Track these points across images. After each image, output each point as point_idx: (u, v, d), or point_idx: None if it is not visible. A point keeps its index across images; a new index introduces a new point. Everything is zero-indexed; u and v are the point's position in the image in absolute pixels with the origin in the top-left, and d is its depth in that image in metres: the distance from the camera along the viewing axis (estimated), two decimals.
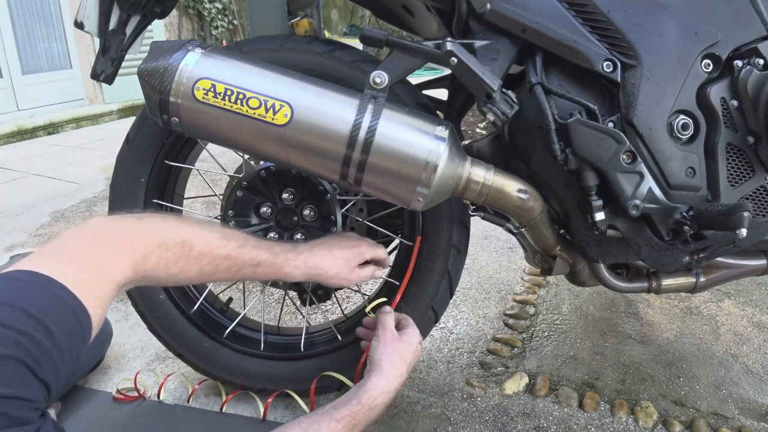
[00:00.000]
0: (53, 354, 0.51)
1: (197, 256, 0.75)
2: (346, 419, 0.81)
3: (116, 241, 0.65)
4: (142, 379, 1.19)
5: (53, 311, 0.53)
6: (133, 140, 1.04)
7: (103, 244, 0.64)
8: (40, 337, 0.50)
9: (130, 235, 0.68)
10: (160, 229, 0.72)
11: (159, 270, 0.70)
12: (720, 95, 0.87)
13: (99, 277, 0.60)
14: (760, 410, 1.17)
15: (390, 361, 0.88)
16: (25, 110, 4.24)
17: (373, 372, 0.88)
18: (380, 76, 0.80)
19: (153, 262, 0.69)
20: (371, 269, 0.96)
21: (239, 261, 0.81)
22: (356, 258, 0.93)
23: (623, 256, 0.97)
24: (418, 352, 0.94)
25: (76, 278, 0.57)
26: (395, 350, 0.90)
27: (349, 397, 0.84)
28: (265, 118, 0.77)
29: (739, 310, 1.54)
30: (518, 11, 0.85)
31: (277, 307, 1.53)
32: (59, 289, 0.55)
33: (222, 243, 0.79)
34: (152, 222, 0.73)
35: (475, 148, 1.03)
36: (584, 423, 1.12)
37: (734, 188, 0.90)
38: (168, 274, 0.72)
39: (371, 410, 0.84)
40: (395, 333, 0.93)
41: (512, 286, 1.69)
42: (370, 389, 0.85)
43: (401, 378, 0.89)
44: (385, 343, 0.91)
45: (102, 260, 0.62)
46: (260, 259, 0.83)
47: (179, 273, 0.74)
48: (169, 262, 0.71)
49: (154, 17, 1.01)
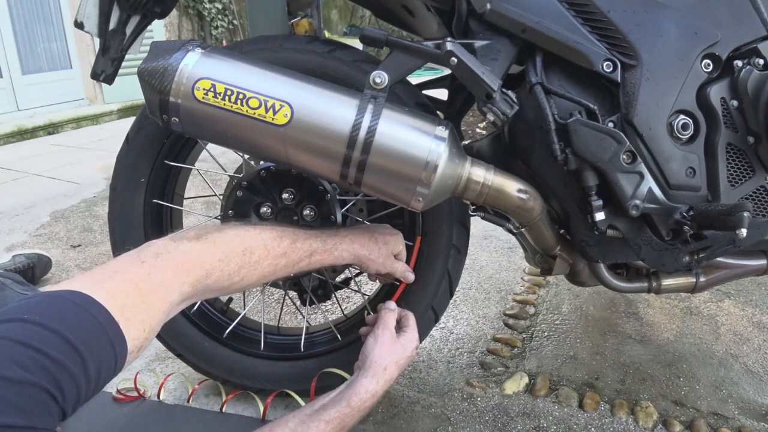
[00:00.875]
0: (81, 384, 0.50)
1: (258, 261, 0.76)
2: (335, 421, 0.81)
3: (176, 263, 0.65)
4: (142, 379, 1.19)
5: (92, 340, 0.52)
6: (133, 140, 1.04)
7: (162, 266, 0.64)
8: (71, 365, 0.49)
9: (191, 255, 0.68)
10: (221, 243, 0.73)
11: (222, 281, 0.71)
12: (720, 95, 0.87)
13: (150, 300, 0.60)
14: (760, 410, 1.17)
15: (383, 365, 0.88)
16: (25, 110, 4.25)
17: (364, 372, 0.87)
18: (380, 76, 0.80)
19: (216, 276, 0.70)
20: (404, 267, 0.98)
21: (295, 256, 0.82)
22: (394, 246, 0.94)
23: (623, 256, 0.97)
24: (413, 356, 0.94)
25: (124, 302, 0.57)
26: (390, 353, 0.89)
27: (339, 398, 0.84)
28: (265, 118, 0.77)
29: (739, 310, 1.54)
30: (518, 11, 0.85)
31: (277, 307, 1.53)
32: (103, 317, 0.54)
33: (277, 242, 0.80)
34: (212, 238, 0.73)
35: (475, 148, 1.03)
36: (584, 423, 1.12)
37: (734, 188, 0.90)
38: (230, 284, 0.73)
39: (360, 412, 0.85)
40: (394, 334, 0.93)
41: (512, 286, 1.69)
42: (360, 391, 0.85)
43: (391, 381, 0.89)
44: (382, 343, 0.90)
45: (158, 282, 0.62)
46: (313, 249, 0.85)
47: (241, 280, 0.75)
48: (231, 273, 0.72)
49: (154, 17, 1.01)
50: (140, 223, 1.06)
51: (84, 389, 0.51)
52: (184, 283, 0.65)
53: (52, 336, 0.50)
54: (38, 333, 0.49)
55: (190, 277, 0.66)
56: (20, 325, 0.50)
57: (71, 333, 0.50)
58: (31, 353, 0.48)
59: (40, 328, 0.50)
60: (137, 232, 1.06)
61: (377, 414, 1.12)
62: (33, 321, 0.50)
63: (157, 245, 0.67)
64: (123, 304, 0.56)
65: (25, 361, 0.47)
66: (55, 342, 0.49)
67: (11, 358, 0.47)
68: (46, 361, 0.48)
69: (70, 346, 0.50)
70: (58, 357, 0.49)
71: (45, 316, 0.51)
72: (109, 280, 0.58)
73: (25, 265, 1.64)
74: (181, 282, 0.65)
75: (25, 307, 0.52)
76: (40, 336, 0.49)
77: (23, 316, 0.50)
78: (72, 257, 1.90)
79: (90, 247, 2.00)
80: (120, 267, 0.62)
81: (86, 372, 0.51)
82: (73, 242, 2.04)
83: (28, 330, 0.49)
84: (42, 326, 0.50)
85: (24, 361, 0.47)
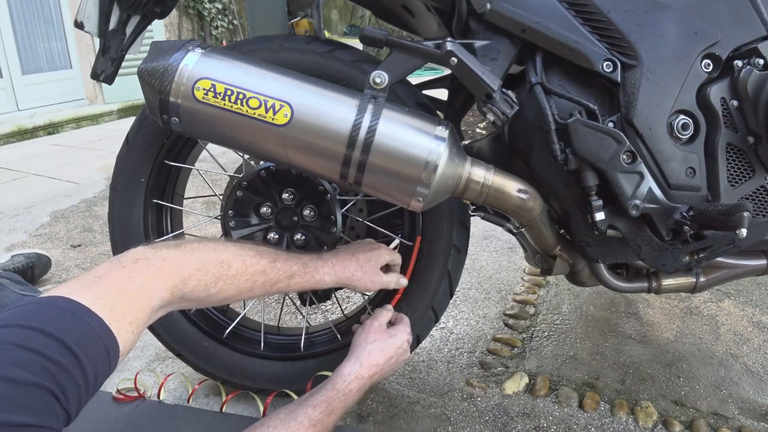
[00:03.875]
0: (80, 384, 0.52)
1: (235, 275, 0.77)
2: (322, 405, 0.84)
3: (154, 268, 0.67)
4: (142, 379, 1.19)
5: (85, 342, 0.53)
6: (133, 140, 1.04)
7: (142, 271, 0.65)
8: (71, 367, 0.51)
9: (169, 261, 0.69)
10: (198, 252, 0.74)
11: (198, 291, 0.72)
12: (720, 95, 0.87)
13: (135, 303, 0.61)
14: (760, 410, 1.17)
15: (368, 349, 0.91)
16: (25, 110, 4.24)
17: (348, 356, 0.91)
18: (380, 76, 0.80)
19: (192, 284, 0.71)
20: (396, 276, 0.99)
21: (274, 276, 0.82)
22: (378, 260, 0.95)
23: (623, 256, 0.97)
24: (404, 351, 0.95)
25: (111, 304, 0.58)
26: (375, 339, 0.92)
27: (325, 384, 0.87)
28: (265, 118, 0.77)
29: (739, 310, 1.54)
30: (518, 11, 0.85)
31: (277, 307, 1.53)
32: (93, 320, 0.55)
33: (256, 260, 0.80)
34: (191, 247, 0.74)
35: (475, 148, 1.03)
36: (584, 423, 1.12)
37: (734, 188, 0.90)
38: (207, 294, 0.74)
39: (346, 395, 0.86)
40: (383, 325, 0.96)
41: (512, 286, 1.69)
42: (344, 373, 0.88)
43: (377, 368, 0.90)
44: (368, 331, 0.93)
45: (139, 286, 0.63)
46: (293, 271, 0.85)
47: (218, 293, 0.75)
48: (208, 284, 0.73)
49: (154, 17, 1.01)
50: (140, 223, 1.06)
51: (84, 391, 0.52)
52: (163, 289, 0.66)
53: (50, 340, 0.51)
54: (37, 337, 0.50)
55: (169, 284, 0.67)
56: (18, 330, 0.51)
57: (67, 337, 0.52)
58: (33, 356, 0.49)
59: (38, 333, 0.51)
60: (137, 232, 1.06)
61: (377, 414, 1.12)
62: (30, 326, 0.51)
63: (136, 251, 0.68)
64: (112, 306, 0.58)
65: (28, 364, 0.48)
66: (54, 346, 0.51)
67: (14, 360, 0.48)
68: (48, 364, 0.49)
69: (67, 349, 0.51)
70: (59, 360, 0.50)
71: (40, 322, 0.52)
72: (94, 285, 0.60)
73: (25, 265, 1.64)
74: (160, 287, 0.66)
75: (18, 314, 0.53)
76: (39, 340, 0.50)
77: (20, 322, 0.51)
78: (72, 257, 1.90)
79: (90, 247, 2.00)
80: (103, 272, 0.63)
81: (84, 374, 0.52)
82: (73, 242, 2.04)
83: (27, 335, 0.50)
84: (39, 331, 0.51)
85: (27, 364, 0.48)
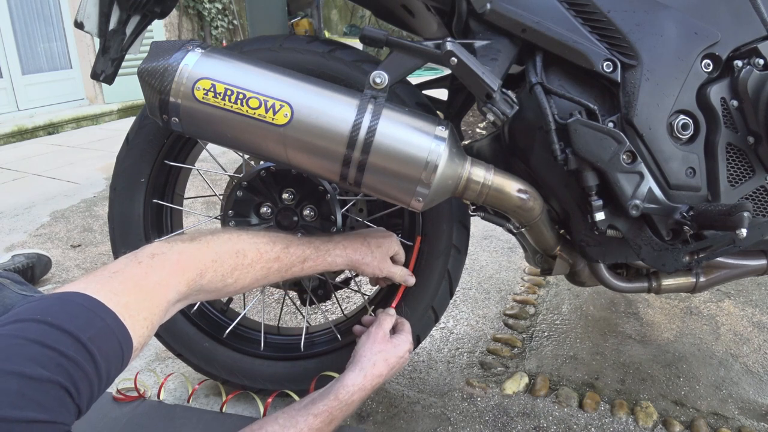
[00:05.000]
0: (93, 380, 0.52)
1: (250, 264, 0.77)
2: (323, 414, 0.83)
3: (171, 262, 0.67)
4: (142, 379, 1.19)
5: (100, 338, 0.53)
6: (133, 140, 1.04)
7: (158, 266, 0.65)
8: (85, 363, 0.51)
9: (185, 255, 0.69)
10: (213, 244, 0.74)
11: (215, 282, 0.73)
12: (720, 95, 0.87)
13: (150, 298, 0.62)
14: (760, 410, 1.17)
15: (372, 360, 0.90)
16: (25, 110, 4.25)
17: (352, 366, 0.89)
18: (380, 76, 0.80)
19: (209, 276, 0.71)
20: (403, 271, 0.98)
21: (288, 261, 0.83)
22: (388, 248, 0.95)
23: (623, 256, 0.97)
24: (405, 359, 0.95)
25: (127, 300, 0.58)
26: (381, 350, 0.91)
27: (327, 392, 0.86)
28: (265, 118, 0.77)
29: (739, 310, 1.54)
30: (518, 11, 0.85)
31: (277, 307, 1.53)
32: (108, 316, 0.55)
33: (270, 247, 0.81)
34: (206, 239, 0.75)
35: (475, 148, 1.03)
36: (584, 423, 1.12)
37: (734, 188, 0.90)
38: (224, 285, 0.74)
39: (348, 406, 0.86)
40: (387, 334, 0.95)
41: (512, 286, 1.69)
42: (347, 384, 0.87)
43: (380, 379, 0.90)
44: (374, 341, 0.92)
45: (155, 281, 0.64)
46: (306, 255, 0.86)
47: (234, 282, 0.76)
48: (225, 274, 0.74)
49: (154, 17, 1.01)
50: (140, 223, 1.06)
51: (96, 387, 0.52)
52: (180, 283, 0.67)
53: (64, 336, 0.51)
54: (52, 333, 0.51)
55: (185, 277, 0.67)
56: (34, 326, 0.51)
57: (82, 333, 0.52)
58: (47, 352, 0.49)
59: (53, 328, 0.51)
60: (137, 232, 1.06)
61: (377, 414, 1.12)
62: (45, 321, 0.51)
63: (152, 247, 0.69)
64: (126, 301, 0.58)
65: (43, 360, 0.48)
66: (68, 341, 0.51)
67: (29, 356, 0.48)
68: (62, 360, 0.49)
69: (81, 345, 0.51)
70: (73, 356, 0.50)
71: (55, 317, 0.52)
72: (110, 280, 0.60)
73: (25, 264, 1.64)
74: (177, 281, 0.66)
75: (34, 309, 0.53)
76: (54, 336, 0.50)
77: (35, 317, 0.51)
78: (72, 257, 1.90)
79: (90, 247, 2.00)
80: (119, 268, 0.63)
81: (98, 370, 0.52)
82: (73, 242, 2.04)
83: (42, 330, 0.50)
84: (54, 327, 0.51)
85: (41, 359, 0.48)
